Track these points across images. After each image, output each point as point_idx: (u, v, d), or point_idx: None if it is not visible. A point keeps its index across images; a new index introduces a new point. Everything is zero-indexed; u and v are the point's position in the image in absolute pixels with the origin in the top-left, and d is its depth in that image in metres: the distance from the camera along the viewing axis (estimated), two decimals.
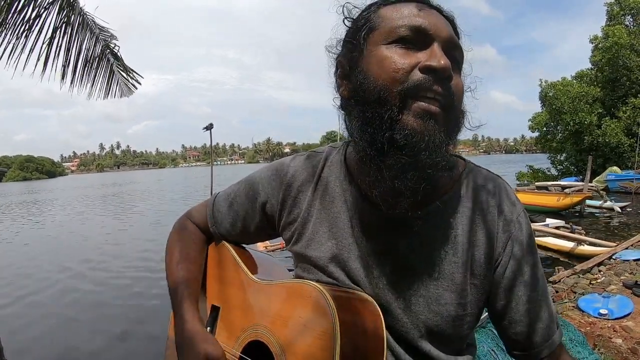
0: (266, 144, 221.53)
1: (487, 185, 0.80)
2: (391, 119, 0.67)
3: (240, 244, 1.07)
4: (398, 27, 0.70)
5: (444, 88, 0.68)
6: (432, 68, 0.66)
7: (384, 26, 0.71)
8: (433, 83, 0.67)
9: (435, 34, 0.69)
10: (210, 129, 9.01)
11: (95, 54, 4.24)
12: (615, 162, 20.66)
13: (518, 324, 0.78)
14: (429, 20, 0.70)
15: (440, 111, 0.67)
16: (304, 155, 0.95)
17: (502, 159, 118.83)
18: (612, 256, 6.43)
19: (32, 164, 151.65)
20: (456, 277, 0.77)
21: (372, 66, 0.70)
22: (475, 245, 0.77)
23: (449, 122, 0.70)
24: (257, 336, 0.87)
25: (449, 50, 0.70)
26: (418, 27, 0.69)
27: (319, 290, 0.76)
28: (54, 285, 8.21)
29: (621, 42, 21.02)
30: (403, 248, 0.78)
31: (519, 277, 0.77)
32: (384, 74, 0.68)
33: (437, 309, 0.77)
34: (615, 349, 3.33)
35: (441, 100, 0.67)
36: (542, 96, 23.56)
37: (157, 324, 5.61)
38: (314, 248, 0.86)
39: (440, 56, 0.67)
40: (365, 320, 0.75)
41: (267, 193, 0.94)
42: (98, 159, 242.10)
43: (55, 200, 33.66)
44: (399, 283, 0.79)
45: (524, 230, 0.79)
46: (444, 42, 0.69)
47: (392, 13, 0.72)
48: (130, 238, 13.37)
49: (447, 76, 0.67)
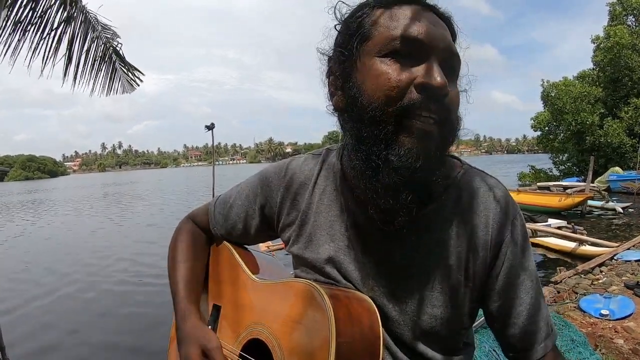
0: (268, 144, 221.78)
1: (482, 188, 0.79)
2: (386, 139, 0.66)
3: (242, 245, 1.09)
4: (393, 38, 0.67)
5: (440, 105, 0.66)
6: (428, 86, 0.64)
7: (378, 36, 0.68)
8: (429, 102, 0.65)
9: (432, 45, 0.66)
10: (212, 128, 9.01)
11: (98, 51, 4.26)
12: (617, 162, 20.63)
13: (512, 326, 0.78)
14: (426, 29, 0.67)
15: (436, 127, 0.66)
16: (302, 158, 0.95)
17: (503, 159, 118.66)
18: (613, 257, 6.42)
19: (34, 164, 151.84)
20: (450, 281, 0.77)
21: (367, 82, 0.68)
22: (470, 249, 0.77)
23: (444, 136, 0.69)
24: (256, 334, 0.88)
25: (447, 60, 0.68)
26: (414, 38, 0.66)
27: (315, 288, 0.77)
28: (59, 286, 8.24)
29: (623, 42, 20.99)
30: (397, 251, 0.78)
31: (513, 279, 0.77)
32: (378, 92, 0.66)
33: (431, 312, 0.77)
34: (616, 350, 3.33)
35: (437, 118, 0.66)
36: (544, 96, 23.53)
37: (157, 329, 5.62)
38: (311, 250, 0.87)
39: (437, 73, 0.65)
40: (362, 318, 0.75)
41: (265, 195, 0.95)
42: (100, 158, 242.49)
43: (56, 200, 33.70)
44: (393, 285, 0.79)
45: (519, 232, 0.78)
46: (441, 54, 0.67)
47: (386, 20, 0.68)
48: (127, 239, 13.38)
49: (443, 94, 0.66)
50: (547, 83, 23.59)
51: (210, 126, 9.04)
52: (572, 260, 7.60)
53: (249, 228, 1.00)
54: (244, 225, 1.00)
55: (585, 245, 7.85)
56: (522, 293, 0.77)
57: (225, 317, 1.01)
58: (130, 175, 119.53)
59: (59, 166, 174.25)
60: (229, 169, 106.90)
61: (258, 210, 0.97)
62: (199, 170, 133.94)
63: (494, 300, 0.78)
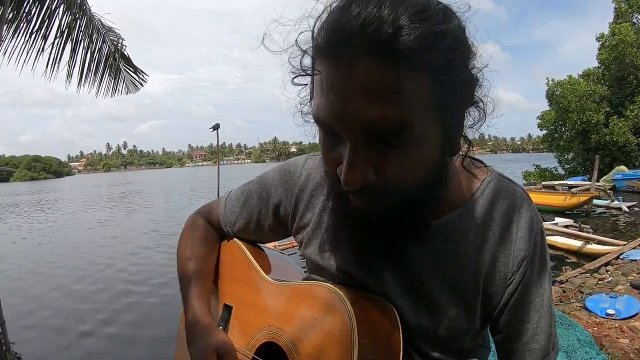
0: (272, 143, 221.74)
1: (507, 199, 0.75)
2: (341, 195, 0.65)
3: (253, 242, 1.07)
4: (316, 110, 0.58)
5: (366, 192, 0.59)
6: (344, 186, 0.58)
7: (316, 90, 0.59)
8: (356, 196, 0.62)
9: (342, 129, 0.56)
10: (217, 128, 9.06)
11: (102, 53, 4.30)
12: (623, 161, 20.50)
13: (515, 342, 0.77)
14: (335, 107, 0.54)
15: (374, 204, 0.61)
16: (318, 157, 0.89)
17: (508, 157, 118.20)
18: (619, 256, 6.39)
19: (39, 164, 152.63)
20: (466, 294, 0.75)
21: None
22: (489, 262, 0.74)
23: (400, 199, 0.61)
24: (271, 337, 0.85)
25: (372, 136, 0.55)
26: (323, 122, 0.58)
27: (337, 293, 0.74)
28: (64, 284, 8.29)
29: (628, 40, 20.83)
30: (412, 259, 0.76)
31: (526, 296, 0.75)
32: (322, 156, 0.64)
33: (445, 323, 0.76)
34: (622, 350, 3.33)
35: (372, 200, 0.61)
36: (549, 95, 23.40)
37: (163, 326, 5.65)
38: (324, 256, 0.85)
39: (347, 168, 0.56)
40: (384, 327, 0.73)
41: (280, 195, 0.93)
42: (105, 158, 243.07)
43: (61, 200, 33.84)
44: (407, 294, 0.77)
45: (540, 249, 0.75)
46: (357, 135, 0.55)
47: (318, 78, 0.57)
48: (133, 240, 13.42)
49: (359, 189, 0.58)
50: (552, 81, 23.46)
51: (215, 126, 9.09)
52: (578, 259, 7.57)
53: (262, 227, 0.98)
54: (257, 224, 0.98)
55: (592, 244, 7.82)
56: (532, 311, 0.75)
57: (237, 318, 0.98)
58: (136, 175, 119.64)
59: (64, 166, 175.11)
60: (234, 169, 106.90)
61: (272, 211, 0.94)
62: (203, 170, 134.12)
63: (504, 313, 0.76)
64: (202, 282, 1.01)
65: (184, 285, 1.01)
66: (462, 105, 0.62)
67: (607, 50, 22.11)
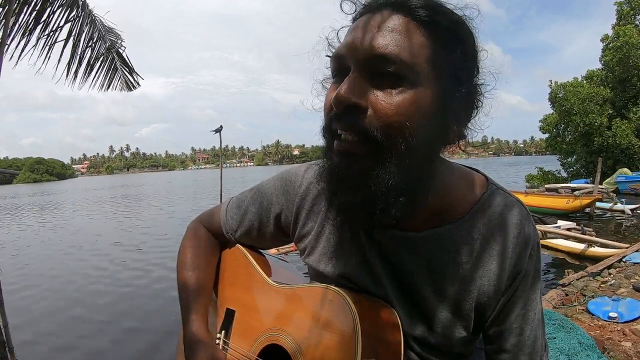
0: (275, 146, 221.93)
1: (505, 213, 0.76)
2: (332, 134, 0.68)
3: (255, 248, 1.08)
4: (331, 60, 0.69)
5: (353, 119, 0.62)
6: (334, 101, 0.63)
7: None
8: (340, 117, 0.64)
9: (351, 57, 0.64)
10: (219, 131, 9.10)
11: (100, 49, 4.31)
12: (626, 163, 20.36)
13: (504, 352, 0.78)
14: (349, 41, 0.65)
15: (358, 144, 0.63)
16: (317, 167, 0.87)
17: (511, 160, 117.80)
18: (622, 259, 6.36)
19: (43, 166, 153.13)
20: (460, 304, 0.76)
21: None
22: (485, 275, 0.75)
23: (381, 150, 0.62)
24: (275, 340, 0.86)
25: (369, 66, 0.62)
26: (336, 56, 0.67)
27: (340, 294, 0.76)
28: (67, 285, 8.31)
29: (632, 42, 20.76)
30: (410, 268, 0.77)
31: (518, 310, 0.77)
32: (323, 115, 0.71)
33: (441, 332, 0.78)
34: (624, 353, 3.32)
35: (355, 132, 0.63)
36: (552, 97, 23.34)
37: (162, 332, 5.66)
38: (325, 263, 0.86)
39: (345, 84, 0.62)
40: (386, 330, 0.75)
41: (281, 204, 0.94)
42: (108, 161, 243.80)
43: (66, 202, 33.94)
44: (405, 302, 0.79)
45: (535, 264, 0.77)
46: (361, 63, 0.63)
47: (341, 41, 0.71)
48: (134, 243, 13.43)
49: (347, 106, 0.62)
50: (555, 84, 23.41)
51: (218, 129, 9.13)
52: (580, 262, 7.53)
53: (263, 234, 0.99)
54: (258, 232, 0.99)
55: (594, 246, 7.78)
56: (523, 324, 0.77)
57: (240, 322, 1.00)
58: (138, 178, 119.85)
59: (67, 169, 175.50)
60: (237, 172, 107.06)
61: (273, 219, 0.96)
62: (206, 173, 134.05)
63: (494, 324, 0.78)
64: (201, 291, 1.03)
65: (184, 299, 1.02)
66: (462, 85, 0.66)
67: (611, 52, 22.01)
